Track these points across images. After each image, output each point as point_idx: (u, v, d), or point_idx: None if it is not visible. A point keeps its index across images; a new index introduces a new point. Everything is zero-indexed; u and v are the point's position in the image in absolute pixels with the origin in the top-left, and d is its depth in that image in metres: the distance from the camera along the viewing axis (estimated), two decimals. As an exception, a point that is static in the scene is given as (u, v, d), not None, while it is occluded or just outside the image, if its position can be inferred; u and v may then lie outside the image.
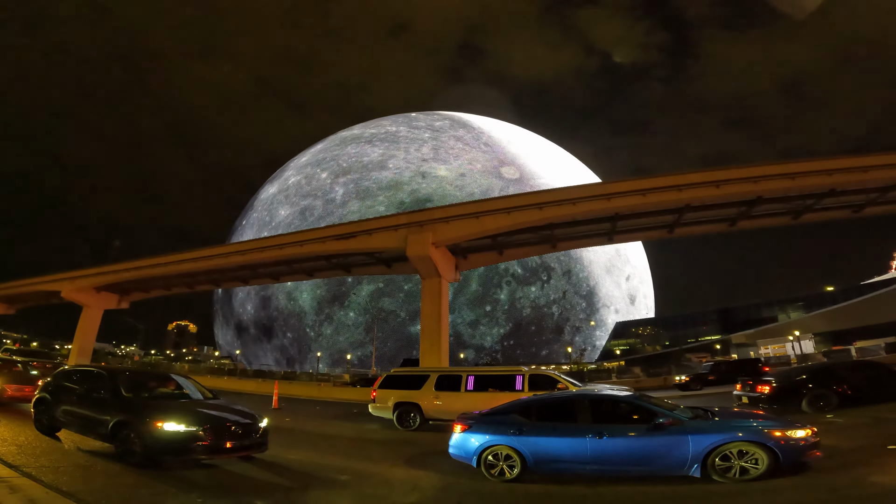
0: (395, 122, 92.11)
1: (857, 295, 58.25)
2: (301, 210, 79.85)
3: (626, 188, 23.96)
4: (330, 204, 77.76)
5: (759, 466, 6.17)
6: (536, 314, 73.76)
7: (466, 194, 71.35)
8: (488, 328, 72.44)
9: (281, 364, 78.36)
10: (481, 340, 72.40)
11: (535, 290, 73.79)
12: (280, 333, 79.38)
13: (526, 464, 7.03)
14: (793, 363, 33.54)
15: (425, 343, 27.00)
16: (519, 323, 72.87)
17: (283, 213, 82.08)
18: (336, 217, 73.78)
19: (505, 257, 31.89)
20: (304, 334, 77.47)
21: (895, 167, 21.48)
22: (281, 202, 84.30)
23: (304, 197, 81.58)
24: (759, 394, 12.66)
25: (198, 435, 7.29)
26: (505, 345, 72.78)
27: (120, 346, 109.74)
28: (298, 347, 77.73)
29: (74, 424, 8.61)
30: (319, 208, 78.15)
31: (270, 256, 32.35)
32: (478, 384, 13.38)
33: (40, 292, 45.58)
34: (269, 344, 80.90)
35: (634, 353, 70.96)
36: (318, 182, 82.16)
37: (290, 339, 78.76)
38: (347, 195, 77.48)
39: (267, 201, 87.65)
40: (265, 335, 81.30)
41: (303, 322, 77.17)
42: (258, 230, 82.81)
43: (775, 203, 24.72)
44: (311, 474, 7.87)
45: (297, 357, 77.94)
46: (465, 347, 71.89)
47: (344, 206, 76.09)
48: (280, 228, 78.02)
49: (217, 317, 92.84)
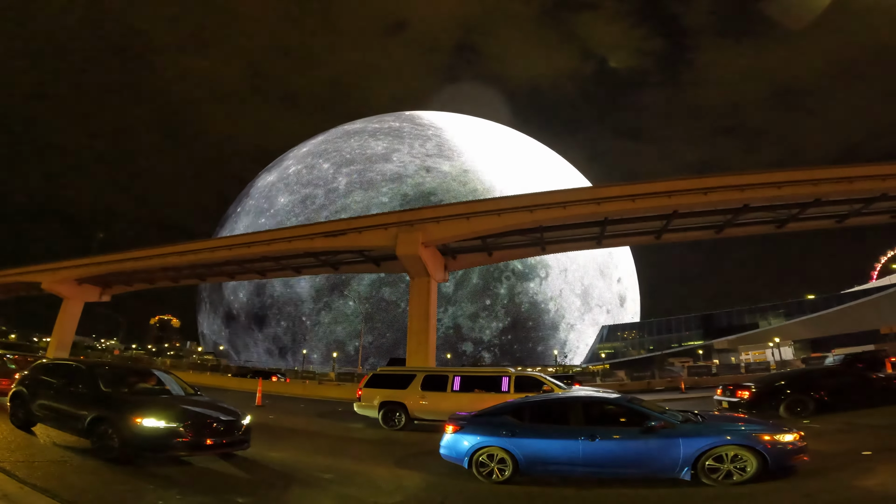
0: (399, 118, 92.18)
1: (837, 303, 59.53)
2: (302, 198, 78.34)
3: (616, 193, 24.14)
4: (332, 193, 76.66)
5: (749, 470, 6.24)
6: (534, 310, 74.30)
7: (469, 190, 71.74)
8: (487, 322, 72.54)
9: (273, 354, 76.22)
10: (480, 334, 72.47)
11: (533, 286, 74.42)
12: (274, 322, 76.85)
13: (518, 465, 7.01)
14: (772, 369, 34.04)
15: (412, 342, 26.94)
16: (517, 318, 73.30)
17: (282, 201, 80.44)
18: (339, 206, 73.17)
19: (494, 259, 31.95)
20: (300, 323, 75.01)
21: (880, 178, 21.87)
22: (280, 190, 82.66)
23: (304, 186, 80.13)
24: (739, 399, 12.85)
25: (178, 431, 7.16)
26: (503, 339, 73.01)
27: (100, 340, 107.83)
28: (293, 337, 75.37)
29: (51, 419, 8.42)
30: (321, 197, 76.89)
31: (258, 252, 32.00)
32: (464, 385, 13.36)
33: (20, 283, 44.62)
34: (261, 333, 78.36)
35: (619, 356, 71.65)
36: (319, 172, 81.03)
37: (283, 328, 76.27)
38: (351, 185, 76.50)
39: (265, 189, 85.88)
40: (257, 324, 78.60)
41: (299, 310, 74.74)
42: (255, 217, 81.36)
43: (761, 211, 25.09)
44: (294, 472, 7.74)
45: (290, 347, 75.44)
46: (464, 340, 71.83)
47: (347, 196, 75.10)
48: (279, 216, 77.11)
49: (203, 305, 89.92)
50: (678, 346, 69.69)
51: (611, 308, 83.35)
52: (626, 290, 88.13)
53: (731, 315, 71.64)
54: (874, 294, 57.71)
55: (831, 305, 59.56)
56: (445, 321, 70.35)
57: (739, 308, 71.98)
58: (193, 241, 36.05)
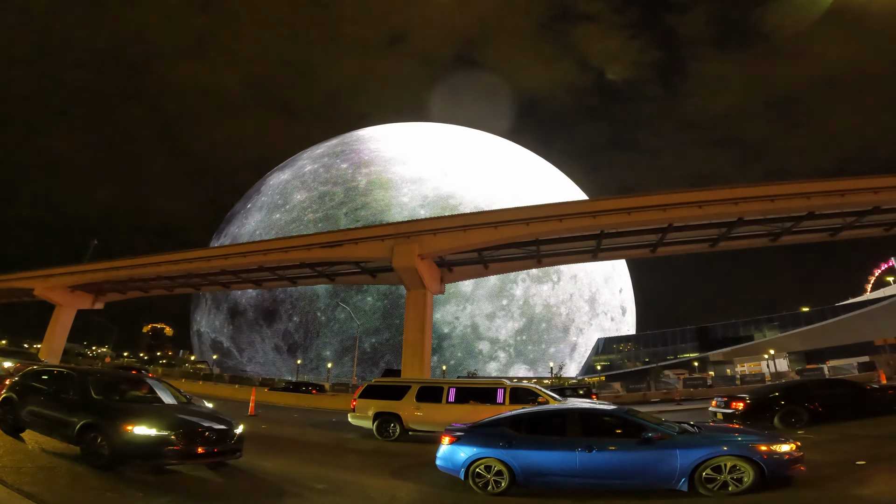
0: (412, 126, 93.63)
1: (832, 316, 59.77)
2: (320, 195, 77.35)
3: (611, 206, 24.29)
4: (352, 191, 75.98)
5: (746, 480, 6.24)
6: (547, 312, 75.41)
7: (484, 197, 73.02)
8: (503, 321, 73.02)
9: (281, 351, 73.82)
10: (496, 333, 72.77)
11: (546, 289, 75.52)
12: (285, 317, 73.92)
13: (514, 477, 6.97)
14: (767, 380, 34.04)
15: (408, 353, 26.82)
16: (531, 319, 74.19)
17: (298, 198, 79.07)
18: (359, 204, 73.04)
19: (490, 271, 31.97)
20: (314, 318, 72.28)
21: (872, 191, 22.10)
22: (297, 187, 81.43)
23: (322, 183, 79.26)
24: (734, 410, 12.87)
25: (169, 439, 7.07)
26: (518, 339, 73.49)
27: (91, 348, 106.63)
28: (305, 333, 72.74)
29: (40, 425, 8.30)
30: (340, 194, 76.06)
31: (253, 262, 31.90)
32: (459, 396, 13.29)
33: (12, 289, 44.24)
34: (270, 329, 75.23)
35: (615, 368, 71.55)
36: (337, 171, 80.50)
37: (295, 324, 73.40)
38: (370, 185, 76.10)
39: (278, 186, 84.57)
40: (265, 319, 75.40)
41: (314, 305, 72.25)
42: (268, 212, 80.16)
43: (755, 225, 25.28)
44: (286, 482, 7.64)
45: (301, 343, 72.64)
46: (480, 339, 71.91)
47: (367, 195, 74.71)
48: (295, 211, 76.44)
49: (203, 302, 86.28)
50: (674, 358, 69.68)
51: (615, 316, 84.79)
52: (626, 301, 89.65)
53: (727, 327, 71.89)
54: (868, 306, 58.00)
55: (826, 318, 59.81)
56: (464, 319, 71.13)
57: (734, 320, 72.28)
58: (188, 250, 35.90)
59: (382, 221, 64.60)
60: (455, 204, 71.64)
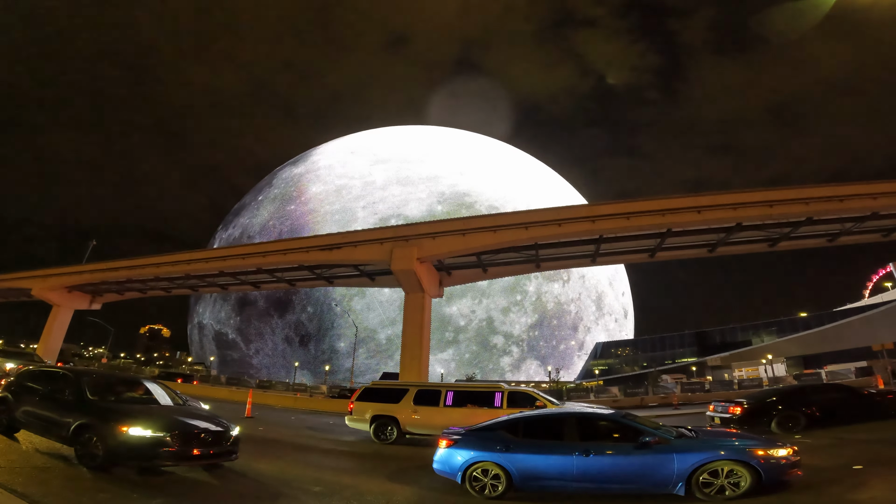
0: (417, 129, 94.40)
1: (829, 321, 59.84)
2: (337, 188, 77.30)
3: (610, 211, 24.33)
4: (369, 186, 76.14)
5: (743, 485, 6.23)
6: (558, 310, 76.95)
7: (500, 195, 74.29)
8: (517, 316, 74.14)
9: (291, 343, 72.88)
10: (511, 328, 73.79)
11: (557, 286, 77.04)
12: (298, 308, 72.88)
13: (512, 481, 6.96)
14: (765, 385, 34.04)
15: (406, 356, 26.77)
16: (543, 316, 75.48)
17: (314, 190, 79.18)
18: (376, 198, 73.72)
19: (489, 275, 31.96)
20: (329, 310, 71.45)
21: (870, 197, 22.16)
22: (312, 180, 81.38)
23: (339, 177, 79.28)
24: (732, 415, 12.85)
25: (164, 441, 7.04)
26: (531, 335, 74.67)
27: (88, 348, 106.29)
28: (319, 324, 71.97)
29: (35, 425, 8.26)
30: (357, 188, 76.17)
31: (252, 264, 31.87)
32: (457, 400, 13.26)
33: (10, 289, 44.20)
34: (282, 320, 74.06)
35: (613, 373, 71.52)
36: (353, 166, 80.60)
37: (309, 315, 72.47)
38: (388, 180, 76.37)
39: (292, 179, 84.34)
40: (277, 310, 74.07)
41: (329, 296, 70.73)
42: (282, 204, 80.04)
43: (754, 230, 25.31)
44: (282, 485, 7.60)
45: (314, 335, 71.63)
46: (496, 333, 72.72)
47: (384, 189, 75.02)
48: (311, 203, 76.66)
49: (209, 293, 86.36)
50: (671, 362, 69.77)
51: (618, 318, 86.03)
52: (626, 304, 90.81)
53: (724, 332, 72.03)
54: (866, 311, 58.09)
55: (823, 323, 59.91)
56: (479, 313, 72.05)
57: (732, 325, 72.55)
58: (186, 252, 35.87)
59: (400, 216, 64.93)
60: (471, 201, 72.63)
